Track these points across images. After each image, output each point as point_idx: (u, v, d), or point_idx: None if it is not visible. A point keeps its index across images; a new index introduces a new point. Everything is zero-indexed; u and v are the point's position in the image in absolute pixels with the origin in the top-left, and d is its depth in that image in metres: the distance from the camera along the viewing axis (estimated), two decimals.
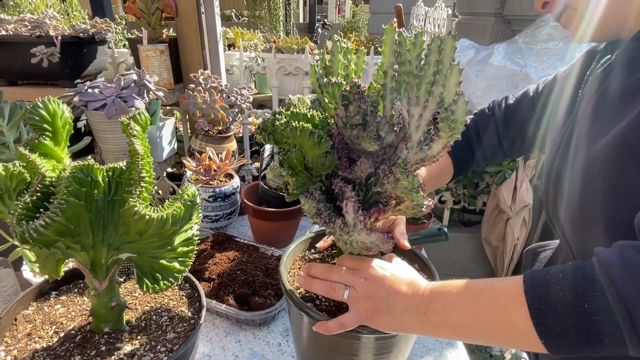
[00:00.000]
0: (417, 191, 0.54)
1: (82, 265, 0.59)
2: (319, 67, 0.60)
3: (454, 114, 0.50)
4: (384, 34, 0.55)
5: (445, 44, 0.51)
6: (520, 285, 0.51)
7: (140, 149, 0.52)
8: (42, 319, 0.66)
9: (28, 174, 0.58)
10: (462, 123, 0.51)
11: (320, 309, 0.71)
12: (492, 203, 1.83)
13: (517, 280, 0.52)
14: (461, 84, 0.51)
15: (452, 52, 0.52)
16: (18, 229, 0.48)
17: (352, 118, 0.54)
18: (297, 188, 0.58)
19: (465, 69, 1.68)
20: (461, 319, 0.55)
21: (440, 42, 0.52)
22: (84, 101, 1.15)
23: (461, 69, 0.51)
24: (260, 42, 1.98)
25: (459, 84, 0.51)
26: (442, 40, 0.52)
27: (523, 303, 0.49)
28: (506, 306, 0.51)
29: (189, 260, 0.66)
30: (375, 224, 0.61)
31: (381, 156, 0.62)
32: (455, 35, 0.51)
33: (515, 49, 1.65)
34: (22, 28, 1.36)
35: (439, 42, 0.52)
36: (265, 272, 1.12)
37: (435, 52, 0.52)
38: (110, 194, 0.58)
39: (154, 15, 1.42)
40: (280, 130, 0.53)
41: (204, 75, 1.42)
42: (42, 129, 0.54)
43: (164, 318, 0.68)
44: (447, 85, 0.52)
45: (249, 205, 1.29)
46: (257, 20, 4.13)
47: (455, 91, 0.51)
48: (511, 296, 0.51)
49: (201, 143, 1.45)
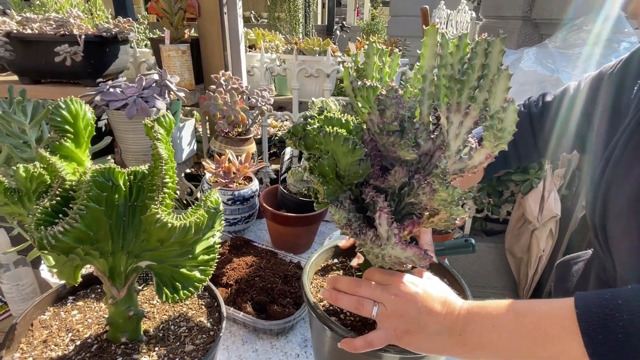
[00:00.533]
0: (457, 204, 0.50)
1: (100, 273, 0.57)
2: (352, 69, 0.57)
3: (502, 122, 0.46)
4: (424, 36, 0.51)
5: (493, 47, 0.47)
6: (571, 310, 0.46)
7: (164, 153, 0.50)
8: (59, 325, 0.64)
9: (48, 176, 0.56)
10: (510, 132, 0.47)
11: (344, 323, 0.68)
12: (518, 213, 1.77)
13: (567, 303, 0.47)
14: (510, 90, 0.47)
15: (500, 55, 0.47)
16: (36, 235, 0.46)
17: (389, 124, 0.50)
18: (327, 197, 0.55)
19: None
20: (502, 344, 0.51)
21: (488, 44, 0.48)
22: (106, 100, 1.14)
23: (510, 74, 0.47)
24: (282, 44, 1.96)
25: (507, 90, 0.47)
26: (490, 42, 0.48)
27: (576, 331, 0.45)
28: (555, 332, 0.47)
29: (209, 269, 0.63)
30: (408, 237, 0.57)
31: (415, 165, 0.59)
32: (504, 37, 0.47)
33: (546, 53, 1.58)
34: (46, 27, 1.36)
35: (486, 45, 0.48)
36: (283, 279, 1.08)
37: (480, 56, 0.48)
38: (132, 199, 0.55)
39: (176, 15, 1.41)
40: (312, 135, 0.50)
41: (225, 76, 1.40)
42: (63, 130, 0.52)
43: (182, 328, 0.66)
44: (493, 91, 0.48)
45: (267, 209, 1.26)
46: (277, 21, 4.13)
47: (504, 98, 0.47)
48: (561, 322, 0.47)
49: (221, 145, 1.43)
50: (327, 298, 0.64)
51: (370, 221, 0.61)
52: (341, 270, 0.84)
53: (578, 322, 0.45)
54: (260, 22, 5.75)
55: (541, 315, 0.50)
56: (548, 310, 0.49)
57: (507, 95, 0.46)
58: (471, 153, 0.54)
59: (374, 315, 0.59)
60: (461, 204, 0.50)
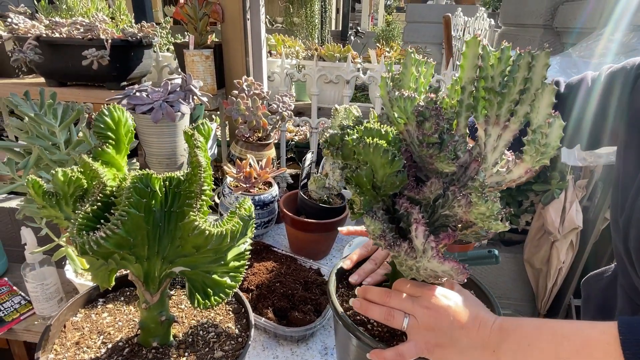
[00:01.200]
0: (496, 218, 0.50)
1: (135, 277, 0.57)
2: (388, 79, 0.57)
3: (546, 137, 0.46)
4: (466, 47, 0.51)
5: (537, 60, 0.47)
6: (614, 335, 0.45)
7: (203, 160, 0.50)
8: (90, 327, 0.65)
9: (85, 180, 0.57)
10: (555, 148, 0.47)
11: (371, 334, 0.67)
12: (537, 223, 1.74)
13: (611, 328, 0.46)
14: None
15: (544, 69, 0.47)
16: (79, 240, 0.47)
17: (429, 136, 0.50)
18: (363, 207, 0.55)
19: None
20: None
21: (532, 58, 0.47)
22: (132, 104, 1.15)
23: (555, 89, 0.46)
24: (302, 50, 1.97)
25: (551, 104, 0.46)
26: (534, 56, 0.47)
27: (619, 357, 0.44)
28: (598, 357, 0.46)
29: (240, 275, 0.63)
30: (443, 249, 0.56)
31: (450, 176, 0.58)
32: (549, 51, 0.46)
33: (569, 62, 1.57)
34: (74, 31, 1.39)
35: (530, 59, 0.47)
36: (304, 285, 1.08)
37: (523, 69, 0.48)
38: (167, 205, 0.56)
39: (201, 21, 1.43)
40: (350, 145, 0.50)
41: (248, 81, 1.41)
42: (105, 137, 0.53)
43: (211, 334, 0.66)
44: (536, 105, 0.48)
45: (287, 215, 1.26)
46: (293, 26, 4.15)
47: (549, 112, 0.46)
48: (604, 347, 0.45)
49: (241, 149, 1.44)
50: (357, 308, 0.64)
51: (402, 232, 0.61)
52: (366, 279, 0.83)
53: (622, 348, 0.44)
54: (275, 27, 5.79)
55: (583, 338, 0.48)
56: (590, 335, 0.48)
57: (552, 110, 0.46)
58: (509, 166, 0.53)
59: (405, 327, 0.59)
60: (500, 218, 0.50)
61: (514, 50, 0.50)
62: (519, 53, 0.49)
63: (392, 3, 12.94)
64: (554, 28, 2.08)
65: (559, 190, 1.62)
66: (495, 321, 0.55)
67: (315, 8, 4.14)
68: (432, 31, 4.00)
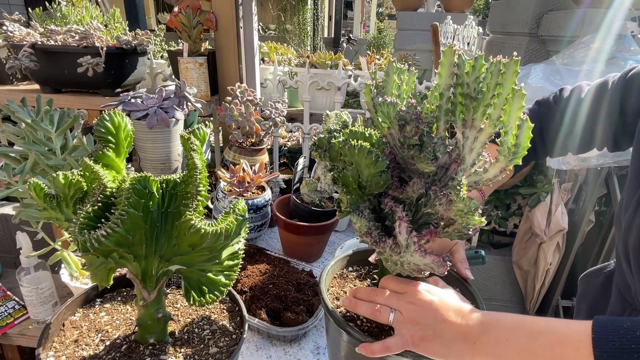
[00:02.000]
0: (472, 214, 0.53)
1: (132, 275, 0.59)
2: (372, 86, 0.60)
3: (517, 138, 0.49)
4: (443, 56, 0.54)
5: (508, 68, 0.51)
6: (587, 333, 0.47)
7: (199, 163, 0.53)
8: (88, 326, 0.67)
9: (85, 183, 0.59)
10: (525, 148, 0.50)
11: (361, 329, 0.70)
12: (525, 226, 1.78)
13: (585, 327, 0.48)
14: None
15: (514, 76, 0.51)
16: (80, 238, 0.49)
17: (410, 138, 0.53)
18: (349, 206, 0.58)
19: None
20: (515, 358, 0.53)
21: (502, 66, 0.51)
22: (127, 110, 1.18)
23: (524, 94, 0.50)
24: (294, 57, 2.01)
25: (521, 108, 0.50)
26: (504, 64, 0.51)
27: (590, 356, 0.45)
28: (569, 354, 0.47)
29: (233, 274, 0.66)
30: (426, 245, 0.59)
31: (432, 177, 0.62)
32: (518, 60, 0.50)
33: (553, 70, 1.62)
34: (69, 39, 1.42)
35: (500, 66, 0.51)
36: (296, 287, 1.11)
37: (495, 76, 0.52)
38: (164, 206, 0.58)
39: (195, 29, 1.46)
40: (337, 147, 0.53)
41: (241, 88, 1.44)
42: (106, 141, 0.55)
43: (206, 331, 0.68)
44: (508, 109, 0.51)
45: (280, 218, 1.29)
46: (286, 34, 4.20)
47: (519, 116, 0.50)
48: (576, 345, 0.47)
49: (234, 154, 1.47)
50: (346, 305, 0.66)
51: (388, 230, 0.64)
52: (356, 279, 0.86)
53: (593, 347, 0.45)
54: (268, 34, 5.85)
55: (557, 335, 0.50)
56: (565, 332, 0.50)
57: (522, 113, 0.49)
58: (486, 167, 0.57)
59: (391, 321, 0.61)
60: (477, 214, 0.53)
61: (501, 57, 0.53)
62: (491, 61, 0.52)
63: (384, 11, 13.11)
64: (539, 36, 2.14)
65: (545, 194, 1.66)
66: (477, 315, 0.58)
67: (308, 15, 4.19)
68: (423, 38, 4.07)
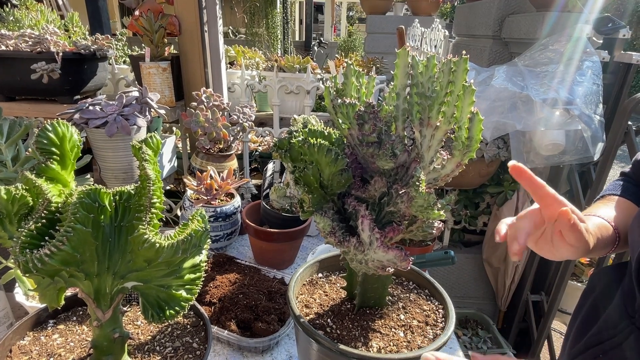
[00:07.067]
0: (432, 208, 0.53)
1: (85, 295, 0.56)
2: (332, 89, 0.59)
3: (470, 132, 0.50)
4: (397, 57, 0.54)
5: (458, 66, 0.51)
6: None
7: (152, 173, 0.50)
8: (39, 350, 0.63)
9: (30, 198, 0.55)
10: (478, 141, 0.51)
11: (331, 337, 0.69)
12: (494, 224, 1.82)
13: None
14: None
15: (464, 74, 0.51)
16: (21, 258, 0.46)
17: (368, 136, 0.53)
18: (312, 206, 0.57)
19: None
20: None
21: (453, 64, 0.51)
22: (85, 118, 1.13)
23: (474, 89, 0.50)
24: (262, 61, 1.99)
25: (472, 103, 0.51)
26: (455, 62, 0.51)
27: None
28: None
29: (196, 287, 0.63)
30: (389, 243, 0.59)
31: (393, 176, 0.61)
32: (467, 58, 0.50)
33: (515, 71, 1.66)
34: (22, 44, 1.35)
35: (452, 65, 0.51)
36: (268, 295, 1.08)
37: (447, 74, 0.52)
38: (117, 220, 0.55)
39: (157, 33, 1.42)
40: (297, 147, 0.52)
41: (207, 93, 1.41)
42: (49, 153, 0.52)
43: (168, 349, 0.65)
44: (460, 105, 0.52)
45: (250, 226, 1.26)
46: (255, 37, 4.17)
47: (470, 110, 0.50)
48: None
49: (202, 161, 1.43)
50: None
51: (352, 230, 0.63)
52: (326, 284, 0.85)
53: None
54: (238, 38, 5.79)
55: None
56: None
57: (473, 108, 0.50)
58: (443, 163, 0.57)
59: None
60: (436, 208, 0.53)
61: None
62: (443, 61, 0.53)
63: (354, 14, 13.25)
64: (502, 38, 2.21)
65: (511, 192, 1.71)
66: None
67: (277, 19, 4.17)
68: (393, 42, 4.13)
